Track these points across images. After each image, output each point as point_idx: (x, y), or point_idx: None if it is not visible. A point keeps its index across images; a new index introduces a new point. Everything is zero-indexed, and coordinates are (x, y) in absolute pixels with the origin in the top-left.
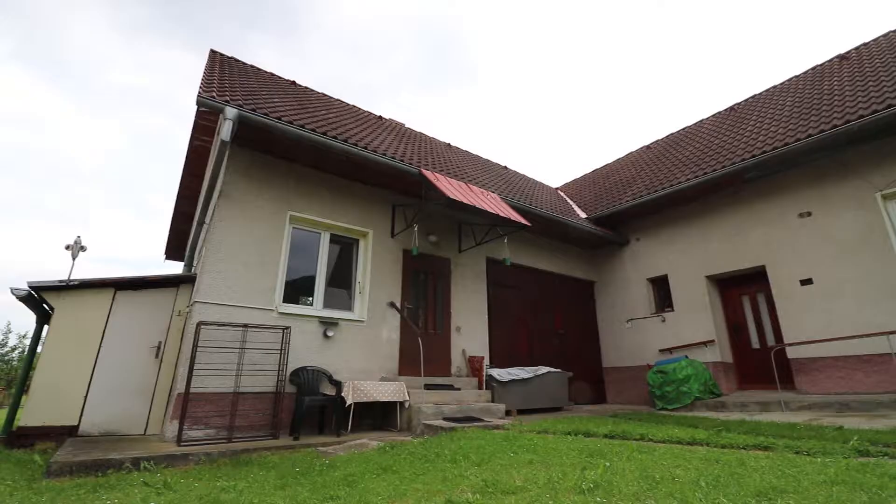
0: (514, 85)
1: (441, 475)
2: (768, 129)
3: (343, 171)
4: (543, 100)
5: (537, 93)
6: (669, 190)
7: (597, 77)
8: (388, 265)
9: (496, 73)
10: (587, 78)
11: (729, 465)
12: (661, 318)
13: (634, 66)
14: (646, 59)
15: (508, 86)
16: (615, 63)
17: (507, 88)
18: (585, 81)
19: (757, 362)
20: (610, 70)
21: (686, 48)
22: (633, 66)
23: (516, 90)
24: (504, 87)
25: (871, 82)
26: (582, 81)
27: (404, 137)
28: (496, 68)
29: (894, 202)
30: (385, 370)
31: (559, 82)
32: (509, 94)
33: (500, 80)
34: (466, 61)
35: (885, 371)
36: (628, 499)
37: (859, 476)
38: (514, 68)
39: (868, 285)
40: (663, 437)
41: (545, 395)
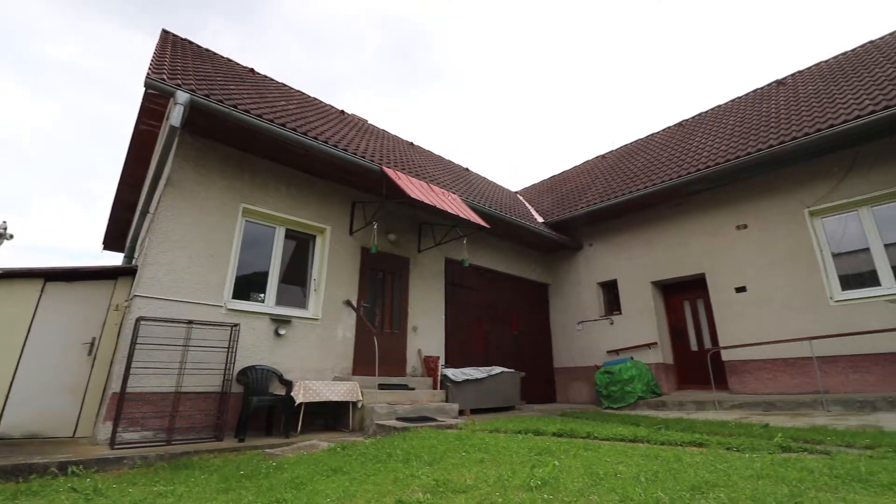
0: (480, 88)
1: (392, 475)
2: (712, 146)
3: (302, 164)
4: (508, 103)
5: (503, 96)
6: (621, 199)
7: (561, 84)
8: (346, 263)
9: (462, 75)
10: (551, 84)
11: (667, 462)
12: (609, 320)
13: (599, 71)
14: (613, 63)
15: (474, 88)
16: (579, 69)
17: (472, 91)
18: (550, 88)
19: (695, 364)
20: (573, 77)
21: (658, 52)
22: (598, 72)
23: (482, 93)
24: (470, 89)
25: (803, 107)
26: (546, 88)
27: (367, 134)
28: (463, 70)
29: (820, 218)
30: (339, 370)
31: (525, 86)
32: (475, 97)
33: (466, 83)
34: (432, 61)
35: (807, 373)
36: (574, 495)
37: (782, 470)
38: (480, 71)
39: (795, 294)
40: (608, 435)
41: (498, 394)
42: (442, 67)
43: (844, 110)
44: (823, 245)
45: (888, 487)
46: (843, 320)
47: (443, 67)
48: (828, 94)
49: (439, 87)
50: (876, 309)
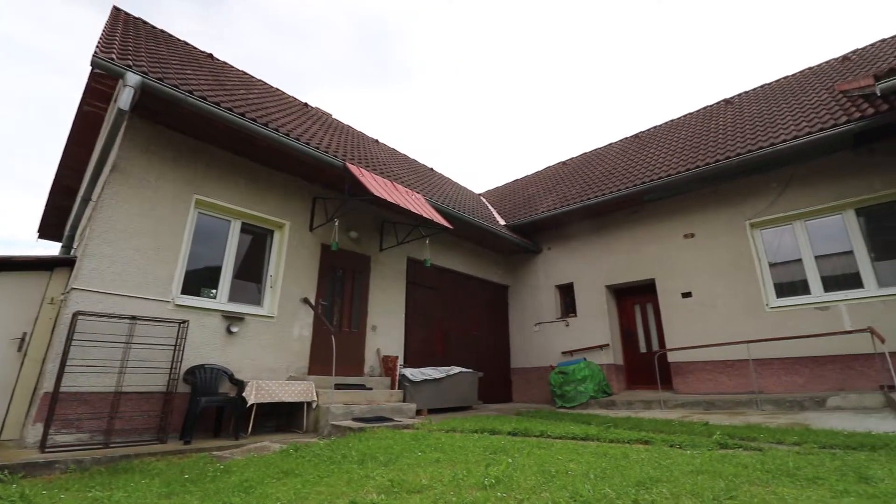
0: (450, 89)
1: (346, 477)
2: (665, 158)
3: (261, 157)
4: (477, 106)
5: (471, 98)
6: (580, 204)
7: (531, 88)
8: (305, 259)
9: (432, 76)
10: (521, 88)
11: (615, 459)
12: (565, 322)
13: (569, 76)
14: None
15: (443, 89)
16: (547, 74)
17: (441, 92)
18: (520, 92)
19: (643, 365)
20: (542, 82)
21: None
22: (567, 77)
23: (451, 94)
24: (439, 90)
25: (748, 126)
26: (516, 91)
27: (330, 128)
28: (432, 71)
29: (759, 230)
30: (294, 369)
31: (495, 89)
32: (444, 98)
33: (435, 83)
34: (402, 60)
35: (744, 375)
36: (526, 492)
37: (719, 465)
38: (450, 73)
39: (735, 301)
40: (561, 434)
41: (456, 394)
42: (411, 67)
43: (784, 131)
44: (761, 255)
45: (812, 481)
46: (777, 325)
47: (412, 67)
48: (770, 115)
49: (407, 86)
50: (806, 315)
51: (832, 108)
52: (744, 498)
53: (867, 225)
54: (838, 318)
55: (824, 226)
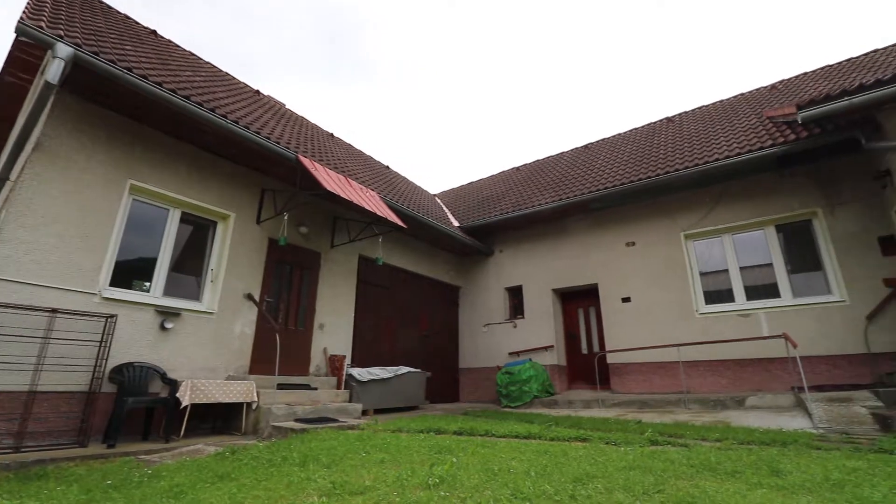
0: (411, 88)
1: (286, 480)
2: (612, 169)
3: (206, 143)
4: (438, 107)
5: (432, 99)
6: (531, 210)
7: (491, 91)
8: (250, 253)
9: (393, 73)
10: (482, 91)
11: (555, 456)
12: (513, 324)
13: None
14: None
15: (404, 88)
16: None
17: (402, 90)
18: (480, 94)
19: (585, 365)
20: (503, 85)
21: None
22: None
23: (411, 94)
24: (400, 88)
25: (686, 143)
26: (477, 94)
27: (283, 118)
28: (393, 69)
29: (692, 241)
30: (234, 368)
31: (456, 91)
32: (404, 97)
33: (396, 81)
34: (363, 54)
35: (674, 376)
36: (469, 491)
37: (650, 461)
38: (411, 72)
39: (669, 306)
40: (505, 433)
41: (403, 394)
42: (372, 63)
43: (717, 150)
44: (693, 264)
45: (731, 474)
46: (705, 330)
47: (373, 63)
48: (706, 135)
49: (368, 82)
50: (730, 321)
51: (760, 132)
52: (671, 491)
53: (785, 240)
54: (758, 324)
55: (749, 239)
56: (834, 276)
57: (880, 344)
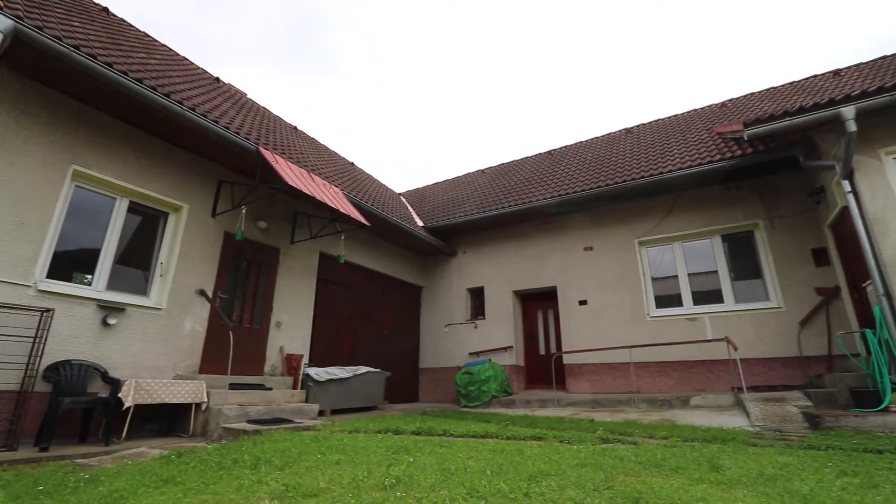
0: (379, 86)
1: (237, 483)
2: (573, 176)
3: (159, 130)
4: (408, 105)
5: (401, 97)
6: (494, 212)
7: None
8: (204, 247)
9: (363, 69)
10: (451, 91)
11: (511, 455)
12: (474, 324)
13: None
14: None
15: (374, 84)
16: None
17: (372, 86)
18: (449, 94)
19: (542, 366)
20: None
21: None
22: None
23: (381, 90)
24: (369, 84)
25: (643, 154)
26: (446, 94)
27: (244, 108)
28: (365, 64)
29: (646, 248)
30: (183, 367)
31: (427, 88)
32: (373, 93)
33: (366, 77)
34: (333, 49)
35: (625, 376)
36: (426, 491)
37: (601, 459)
38: (382, 68)
39: (623, 309)
40: (462, 433)
41: (362, 394)
42: (342, 58)
43: (671, 162)
44: (646, 270)
45: (675, 470)
46: (655, 333)
47: (343, 58)
48: (661, 147)
49: (336, 77)
50: (678, 325)
51: (710, 146)
52: (619, 488)
53: (730, 249)
54: (703, 328)
55: (697, 247)
56: (772, 283)
57: (811, 348)
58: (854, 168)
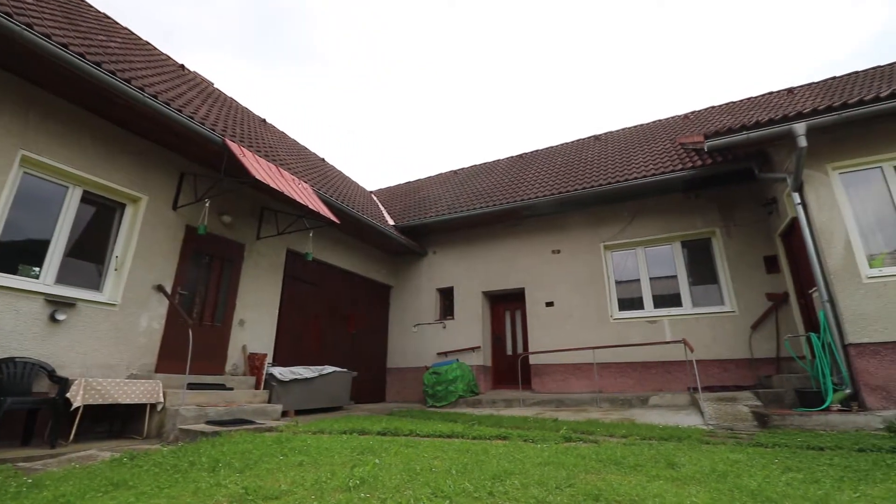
0: (353, 81)
1: (193, 486)
2: (543, 180)
3: (118, 117)
4: (382, 101)
5: (375, 90)
6: (466, 213)
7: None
8: (164, 241)
9: (340, 64)
10: (425, 88)
11: (476, 454)
12: (442, 324)
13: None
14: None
15: (349, 80)
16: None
17: (347, 82)
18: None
19: (509, 366)
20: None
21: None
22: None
23: (356, 86)
24: (344, 80)
25: (609, 161)
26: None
27: (210, 98)
28: (341, 60)
29: (611, 252)
30: (138, 366)
31: (398, 83)
32: (348, 89)
33: (341, 72)
34: (309, 41)
35: (588, 377)
36: (390, 491)
37: (563, 457)
38: (356, 63)
39: (587, 312)
40: (429, 432)
41: (327, 394)
42: (318, 52)
43: (636, 170)
44: (611, 273)
45: (634, 468)
46: (617, 335)
47: (319, 52)
48: (627, 155)
49: (306, 70)
50: (639, 327)
51: (673, 156)
52: (580, 485)
53: (689, 255)
54: (662, 330)
55: (658, 253)
56: (727, 288)
57: (761, 350)
58: (804, 181)
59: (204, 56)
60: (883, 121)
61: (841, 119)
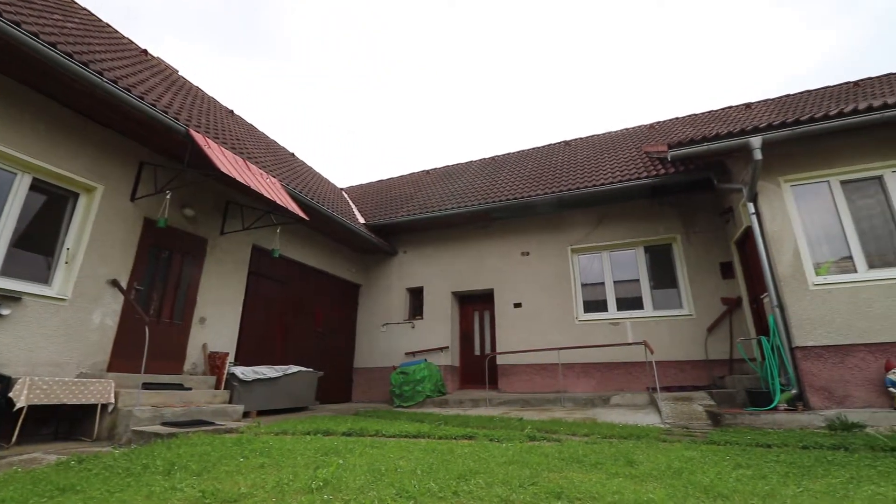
0: (328, 73)
1: (146, 490)
2: (513, 183)
3: (75, 103)
4: (381, 100)
5: (375, 90)
6: (437, 214)
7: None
8: (120, 234)
9: (315, 58)
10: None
11: (442, 454)
12: (411, 324)
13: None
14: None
15: (346, 78)
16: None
17: (344, 80)
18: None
19: (477, 366)
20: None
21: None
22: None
23: (355, 84)
24: (341, 78)
25: (578, 167)
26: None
27: (174, 86)
28: (317, 53)
29: (578, 255)
30: (89, 365)
31: (398, 83)
32: (346, 86)
33: (317, 66)
34: (284, 31)
35: (553, 376)
36: (354, 493)
37: (527, 456)
38: (330, 57)
39: (554, 313)
40: (395, 433)
41: (291, 394)
42: (292, 44)
43: (603, 176)
44: (577, 276)
45: (595, 466)
46: (582, 336)
47: (293, 44)
48: (595, 161)
49: (280, 63)
50: (603, 329)
51: (638, 164)
52: (543, 483)
53: (651, 260)
54: (625, 332)
55: (622, 257)
56: (685, 293)
57: (716, 352)
58: (758, 192)
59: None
60: (831, 138)
61: (793, 135)
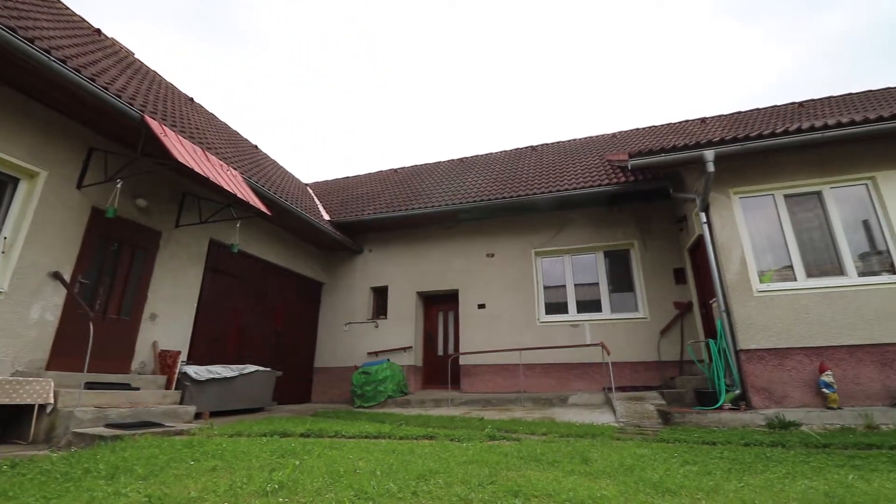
0: (328, 73)
1: (87, 496)
2: (481, 185)
3: (17, 81)
4: (381, 99)
5: (350, 85)
6: (404, 213)
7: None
8: (64, 223)
9: (283, 48)
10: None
11: (402, 455)
12: (375, 324)
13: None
14: None
15: (346, 78)
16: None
17: (344, 80)
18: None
19: (440, 366)
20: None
21: None
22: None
23: (329, 78)
24: (341, 77)
25: (544, 172)
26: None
27: (129, 69)
28: (284, 42)
29: (541, 258)
30: (25, 362)
31: (398, 83)
32: (346, 86)
33: (312, 64)
34: (277, 30)
35: (514, 377)
36: (311, 495)
37: (487, 455)
38: (330, 55)
39: (517, 314)
40: (355, 433)
41: (247, 395)
42: (260, 34)
43: (567, 182)
44: (540, 278)
45: (552, 464)
46: (543, 337)
47: (263, 32)
48: (560, 167)
49: (244, 53)
50: (563, 330)
51: (600, 171)
52: (502, 482)
53: (610, 264)
54: (584, 333)
55: (583, 261)
56: (641, 296)
57: (668, 354)
58: (710, 203)
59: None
60: (776, 154)
61: (743, 149)
